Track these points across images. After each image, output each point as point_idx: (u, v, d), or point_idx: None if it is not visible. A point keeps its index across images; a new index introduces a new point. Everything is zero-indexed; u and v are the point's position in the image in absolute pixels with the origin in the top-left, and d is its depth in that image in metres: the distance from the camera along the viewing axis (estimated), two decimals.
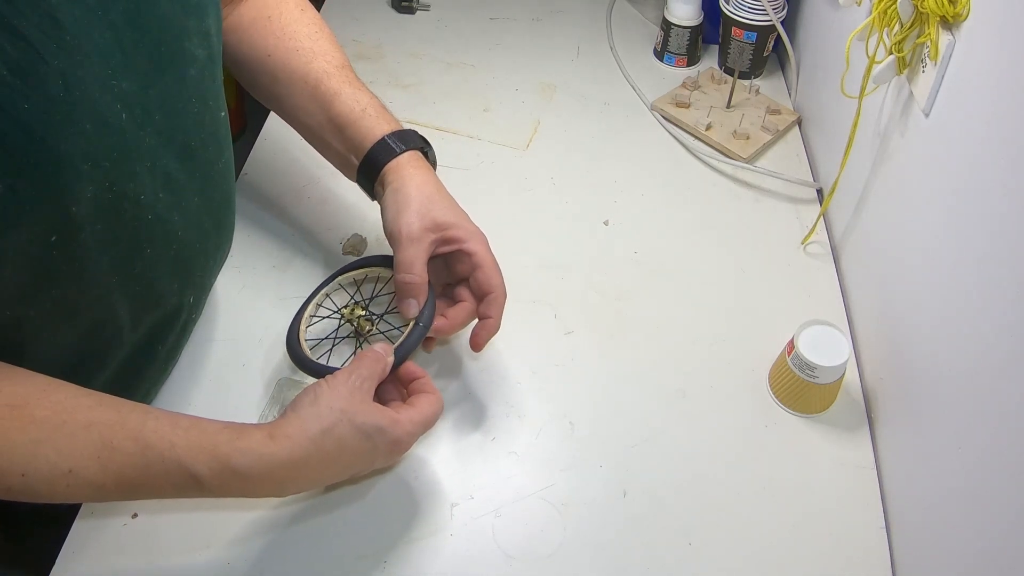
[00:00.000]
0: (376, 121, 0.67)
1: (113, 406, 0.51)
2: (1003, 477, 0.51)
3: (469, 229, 0.65)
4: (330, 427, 0.53)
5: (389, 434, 0.55)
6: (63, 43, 0.44)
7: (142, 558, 0.61)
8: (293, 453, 0.52)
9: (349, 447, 0.54)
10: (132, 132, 0.51)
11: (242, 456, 0.50)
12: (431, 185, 0.66)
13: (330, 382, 0.55)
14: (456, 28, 1.15)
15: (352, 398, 0.55)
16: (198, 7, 0.57)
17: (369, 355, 0.58)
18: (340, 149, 0.69)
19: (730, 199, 0.92)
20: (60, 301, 0.52)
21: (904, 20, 0.64)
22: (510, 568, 0.62)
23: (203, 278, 0.68)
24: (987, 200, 0.55)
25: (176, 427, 0.51)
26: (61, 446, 0.48)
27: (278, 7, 0.71)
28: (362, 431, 0.54)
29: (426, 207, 0.64)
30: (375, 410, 0.56)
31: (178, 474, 0.50)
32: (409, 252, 0.63)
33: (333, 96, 0.68)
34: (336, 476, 0.56)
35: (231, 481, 0.51)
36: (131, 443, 0.49)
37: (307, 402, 0.54)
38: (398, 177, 0.65)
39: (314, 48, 0.70)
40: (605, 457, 0.69)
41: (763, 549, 0.64)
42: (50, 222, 0.46)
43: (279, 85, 0.70)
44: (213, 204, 0.64)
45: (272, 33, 0.70)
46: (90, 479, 0.48)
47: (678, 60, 1.09)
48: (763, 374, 0.75)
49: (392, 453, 0.57)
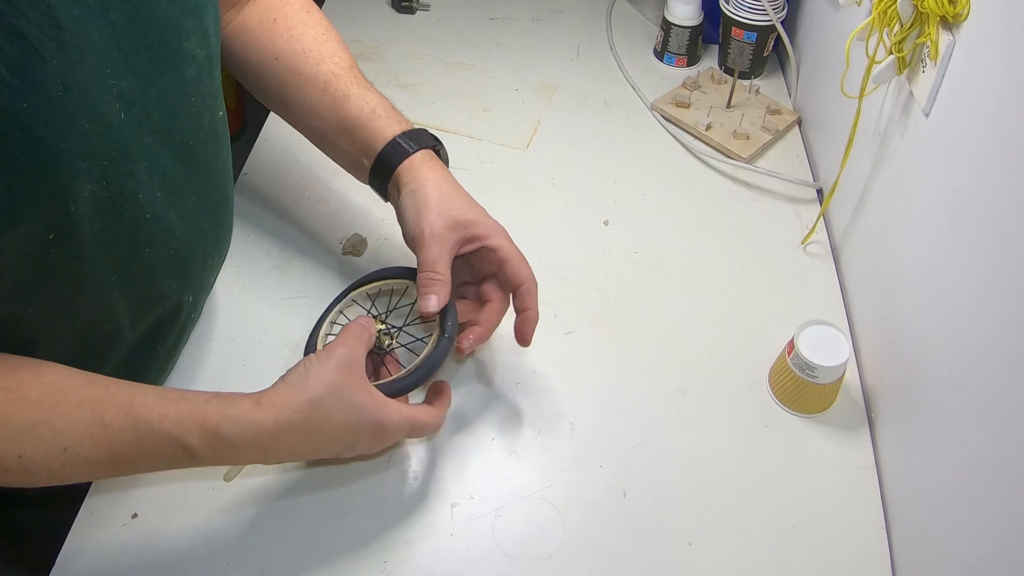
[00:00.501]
0: (387, 121, 0.67)
1: (102, 383, 0.52)
2: (1003, 477, 0.51)
3: (490, 225, 0.65)
4: (317, 397, 0.54)
5: (375, 414, 0.56)
6: (62, 42, 0.44)
7: (142, 558, 0.61)
8: (279, 421, 0.53)
9: (335, 420, 0.55)
10: (130, 131, 0.51)
11: (231, 424, 0.52)
12: (448, 184, 0.66)
13: (319, 356, 0.56)
14: (456, 28, 1.15)
15: (341, 371, 0.55)
16: (196, 7, 0.57)
17: (353, 327, 0.59)
18: (350, 151, 0.69)
19: (730, 199, 0.92)
20: (58, 299, 0.52)
21: (904, 20, 0.64)
22: (510, 568, 0.62)
23: (202, 277, 0.68)
24: (987, 200, 0.55)
25: (165, 400, 0.52)
26: (56, 425, 0.49)
27: (283, 9, 0.71)
28: (349, 404, 0.55)
29: (446, 206, 0.64)
30: (365, 386, 0.56)
31: (169, 445, 0.51)
32: (434, 251, 0.62)
33: (342, 98, 0.68)
34: (320, 449, 0.56)
35: (221, 450, 0.52)
36: (122, 418, 0.50)
37: (297, 374, 0.55)
38: (414, 178, 0.65)
39: (321, 50, 0.70)
40: (605, 457, 0.69)
41: (763, 549, 0.64)
42: (48, 221, 0.47)
43: (287, 88, 0.69)
44: (211, 203, 0.64)
45: (279, 36, 0.69)
46: (85, 456, 0.49)
47: (678, 60, 1.09)
48: (763, 374, 0.75)
49: (375, 436, 0.57)
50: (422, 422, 0.60)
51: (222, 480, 0.65)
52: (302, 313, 0.77)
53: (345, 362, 0.56)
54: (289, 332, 0.76)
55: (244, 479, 0.66)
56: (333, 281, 0.80)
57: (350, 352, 0.57)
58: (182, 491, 0.65)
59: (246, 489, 0.65)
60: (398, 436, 0.59)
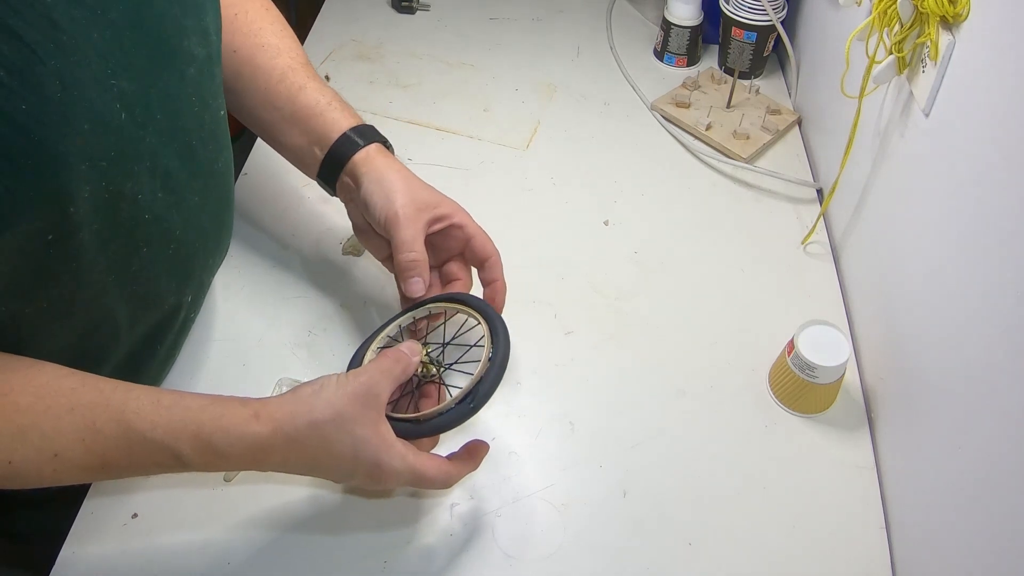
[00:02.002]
0: (341, 114, 0.69)
1: (96, 387, 0.51)
2: (1003, 477, 0.51)
3: (453, 204, 0.68)
4: (319, 422, 0.52)
5: (375, 454, 0.53)
6: (60, 43, 0.44)
7: (142, 558, 0.61)
8: (274, 437, 0.52)
9: (333, 449, 0.53)
10: (131, 131, 0.51)
11: (224, 435, 0.51)
12: (406, 171, 0.68)
13: (340, 378, 0.54)
14: (456, 28, 1.15)
15: (354, 401, 0.53)
16: (196, 6, 0.57)
17: (389, 355, 0.57)
18: (302, 142, 0.69)
19: (730, 199, 0.92)
20: (57, 299, 0.52)
21: (904, 20, 0.64)
22: (510, 568, 0.62)
23: (202, 277, 0.68)
24: (987, 200, 0.55)
25: (158, 406, 0.51)
26: (46, 431, 0.48)
27: (243, 4, 0.72)
28: (351, 436, 0.52)
29: (412, 190, 0.66)
30: (375, 421, 0.54)
31: (161, 454, 0.50)
32: (409, 231, 0.64)
33: (298, 90, 0.69)
34: (313, 471, 0.55)
35: (213, 459, 0.51)
36: (113, 425, 0.49)
37: (310, 390, 0.54)
38: (374, 168, 0.66)
39: (279, 45, 0.71)
40: (605, 457, 0.69)
41: (763, 549, 0.64)
42: (47, 221, 0.46)
43: (241, 80, 0.70)
44: (213, 203, 0.64)
45: (238, 30, 0.70)
46: (76, 462, 0.49)
47: (678, 60, 1.09)
48: (763, 374, 0.75)
49: (371, 476, 0.54)
50: (427, 476, 0.56)
51: (222, 480, 0.65)
52: (302, 313, 0.77)
53: (363, 392, 0.53)
54: (289, 332, 0.76)
55: (245, 479, 0.66)
56: (333, 281, 0.80)
57: (372, 383, 0.54)
58: (182, 491, 0.65)
59: (246, 489, 0.65)
60: (398, 483, 0.55)
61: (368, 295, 0.79)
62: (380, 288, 0.80)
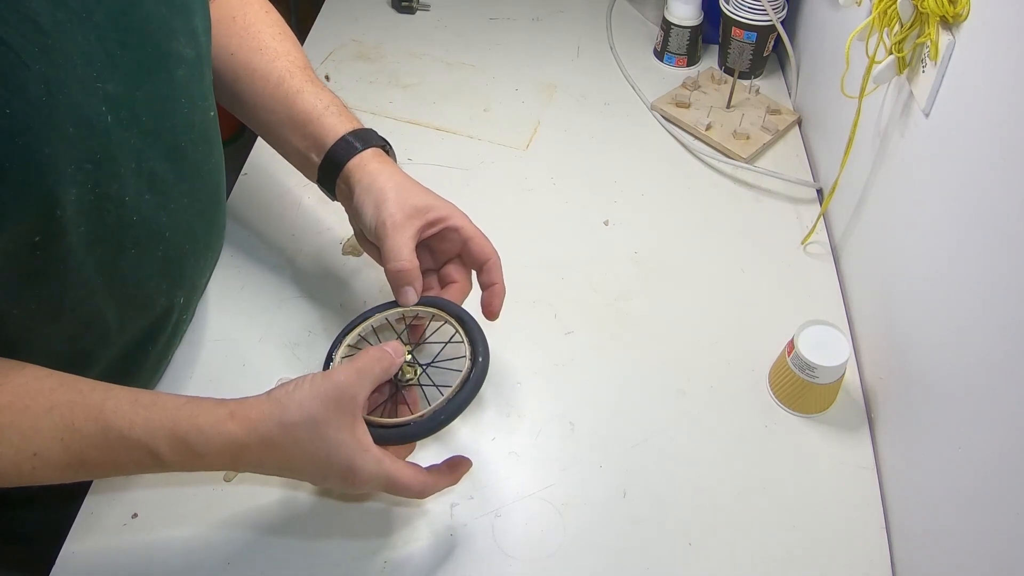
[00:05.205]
0: (338, 119, 0.68)
1: (75, 387, 0.51)
2: (1003, 477, 0.51)
3: (448, 207, 0.66)
4: (291, 424, 0.51)
5: (349, 457, 0.52)
6: (45, 47, 0.44)
7: (142, 558, 0.61)
8: (249, 436, 0.51)
9: (304, 449, 0.52)
10: (117, 134, 0.50)
11: (199, 434, 0.50)
12: (400, 175, 0.66)
13: (316, 377, 0.53)
14: (456, 28, 1.15)
15: (326, 403, 0.52)
16: (184, 7, 0.57)
17: (370, 353, 0.56)
18: (300, 147, 0.69)
19: (730, 199, 0.92)
20: (45, 301, 0.52)
21: (904, 20, 0.64)
22: (510, 568, 0.62)
23: (193, 279, 0.68)
24: (987, 200, 0.55)
25: (136, 405, 0.51)
26: (25, 430, 0.48)
27: (243, 8, 0.71)
28: (323, 439, 0.52)
29: (403, 196, 0.64)
30: (350, 424, 0.53)
31: (138, 452, 0.50)
32: (397, 240, 0.62)
33: (296, 94, 0.68)
34: (287, 471, 0.54)
35: (189, 459, 0.51)
36: (92, 423, 0.49)
37: (285, 390, 0.53)
38: (366, 174, 0.65)
39: (278, 48, 0.70)
40: (605, 457, 0.69)
41: (763, 549, 0.64)
42: (33, 224, 0.46)
43: (240, 83, 0.69)
44: (203, 204, 0.64)
45: (236, 33, 0.70)
46: (55, 461, 0.49)
47: (678, 60, 1.09)
48: (763, 374, 0.75)
49: (345, 480, 0.53)
50: (401, 483, 0.54)
51: (222, 480, 0.65)
52: (302, 313, 0.77)
53: (337, 394, 0.52)
54: (288, 332, 0.76)
55: (244, 479, 0.66)
56: (333, 281, 0.80)
57: (348, 383, 0.53)
58: (182, 491, 0.65)
59: (246, 489, 0.65)
60: (372, 487, 0.54)
61: (367, 295, 0.79)
62: (379, 288, 0.80)
